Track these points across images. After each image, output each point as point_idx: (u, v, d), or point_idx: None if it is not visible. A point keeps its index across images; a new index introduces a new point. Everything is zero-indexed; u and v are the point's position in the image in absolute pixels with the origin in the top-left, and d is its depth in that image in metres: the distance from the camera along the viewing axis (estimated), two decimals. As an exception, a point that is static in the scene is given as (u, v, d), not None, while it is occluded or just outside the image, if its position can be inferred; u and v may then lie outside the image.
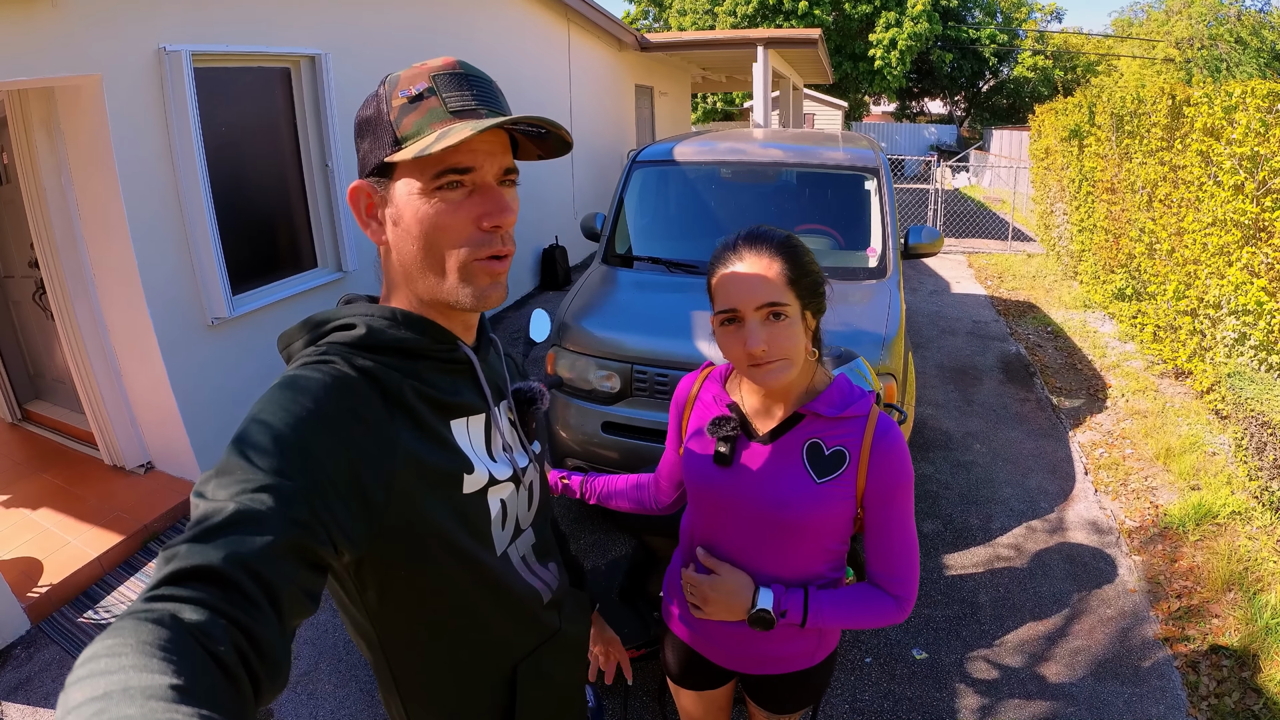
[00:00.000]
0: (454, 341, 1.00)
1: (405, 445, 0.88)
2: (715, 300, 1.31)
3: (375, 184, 0.95)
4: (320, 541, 0.73)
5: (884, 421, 1.33)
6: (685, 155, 4.55)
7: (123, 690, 0.48)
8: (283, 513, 0.69)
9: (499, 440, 1.07)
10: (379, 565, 0.90)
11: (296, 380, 0.82)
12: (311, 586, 0.72)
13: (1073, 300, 8.35)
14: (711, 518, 1.45)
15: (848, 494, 1.33)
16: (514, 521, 1.08)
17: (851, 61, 25.59)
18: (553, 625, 1.16)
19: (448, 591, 0.98)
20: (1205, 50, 24.75)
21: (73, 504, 3.77)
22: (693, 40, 11.13)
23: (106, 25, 3.31)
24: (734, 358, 1.30)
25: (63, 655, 3.00)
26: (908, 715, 2.72)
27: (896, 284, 3.81)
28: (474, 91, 0.92)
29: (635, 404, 3.44)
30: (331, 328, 0.93)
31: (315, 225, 4.75)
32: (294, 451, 0.74)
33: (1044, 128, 10.77)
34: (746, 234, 1.30)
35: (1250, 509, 3.92)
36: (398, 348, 0.93)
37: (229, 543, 0.65)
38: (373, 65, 5.07)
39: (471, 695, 1.07)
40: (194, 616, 0.58)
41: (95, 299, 3.73)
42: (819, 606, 1.35)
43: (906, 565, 1.35)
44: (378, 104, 0.93)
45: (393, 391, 0.89)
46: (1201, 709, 2.76)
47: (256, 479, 0.70)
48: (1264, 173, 4.49)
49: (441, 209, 0.91)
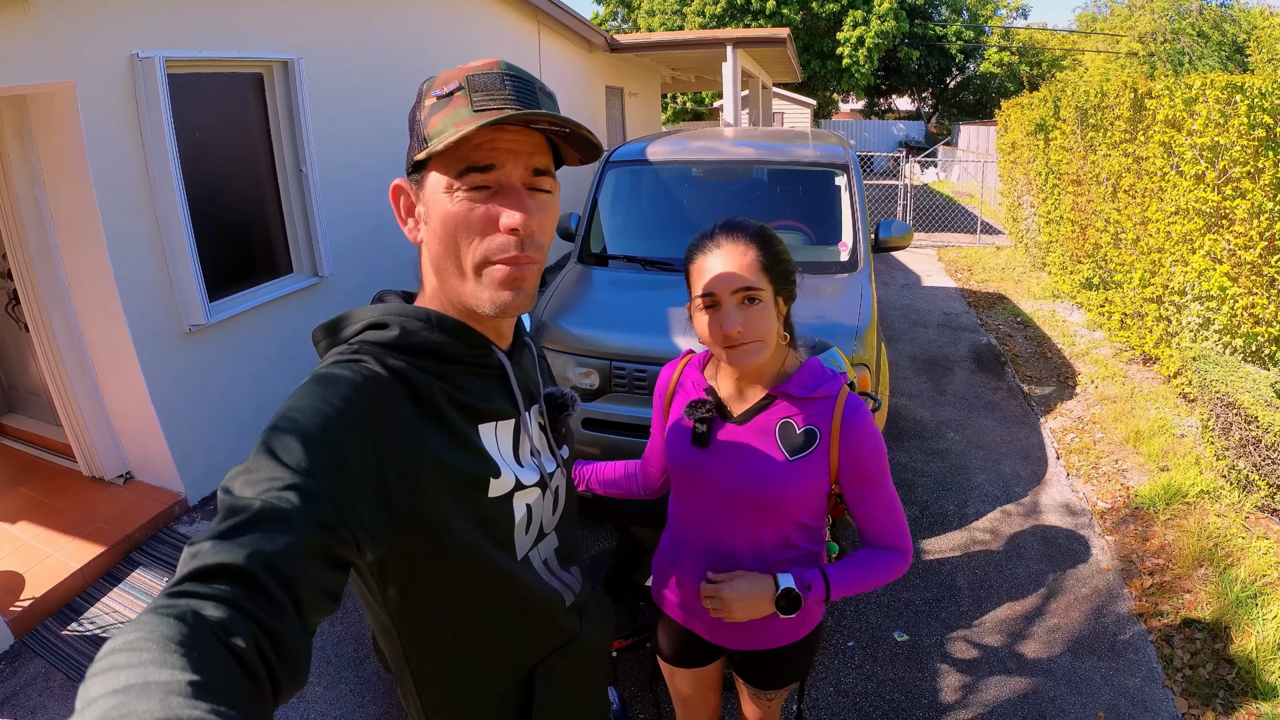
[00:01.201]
0: (488, 347, 1.00)
1: (433, 448, 0.88)
2: (693, 285, 1.38)
3: (412, 182, 0.95)
4: (344, 541, 0.73)
5: (852, 401, 1.41)
6: (658, 155, 4.59)
7: (142, 685, 0.49)
8: (308, 512, 0.70)
9: (527, 445, 1.05)
10: (401, 564, 0.91)
11: (327, 378, 0.82)
12: (333, 586, 0.72)
13: (1041, 291, 8.49)
14: (692, 497, 1.52)
15: (820, 471, 1.41)
16: (538, 526, 1.07)
17: (819, 60, 25.75)
18: (573, 629, 1.16)
19: (468, 593, 0.98)
20: (1168, 44, 25.22)
21: (52, 517, 3.74)
22: (663, 41, 11.17)
23: (79, 32, 3.29)
24: (711, 340, 1.37)
25: (48, 669, 2.97)
26: (890, 696, 2.78)
27: (868, 277, 3.88)
28: (508, 92, 0.90)
29: (614, 400, 3.48)
30: (364, 326, 0.93)
31: (290, 230, 4.74)
32: (322, 450, 0.75)
33: (1010, 122, 10.93)
34: (723, 224, 1.38)
35: (1218, 488, 4.03)
36: (431, 351, 0.93)
37: (253, 541, 0.65)
38: (346, 70, 5.07)
39: (488, 696, 1.07)
40: (215, 614, 0.58)
41: (71, 309, 3.70)
42: (837, 577, 1.43)
43: (897, 524, 1.46)
44: (417, 102, 0.93)
45: (423, 393, 0.89)
46: (1176, 680, 2.85)
47: (283, 477, 0.71)
48: (1224, 162, 4.61)
49: (463, 208, 0.90)
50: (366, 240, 5.33)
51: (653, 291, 3.85)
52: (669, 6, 25.51)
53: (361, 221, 5.27)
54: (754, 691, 1.71)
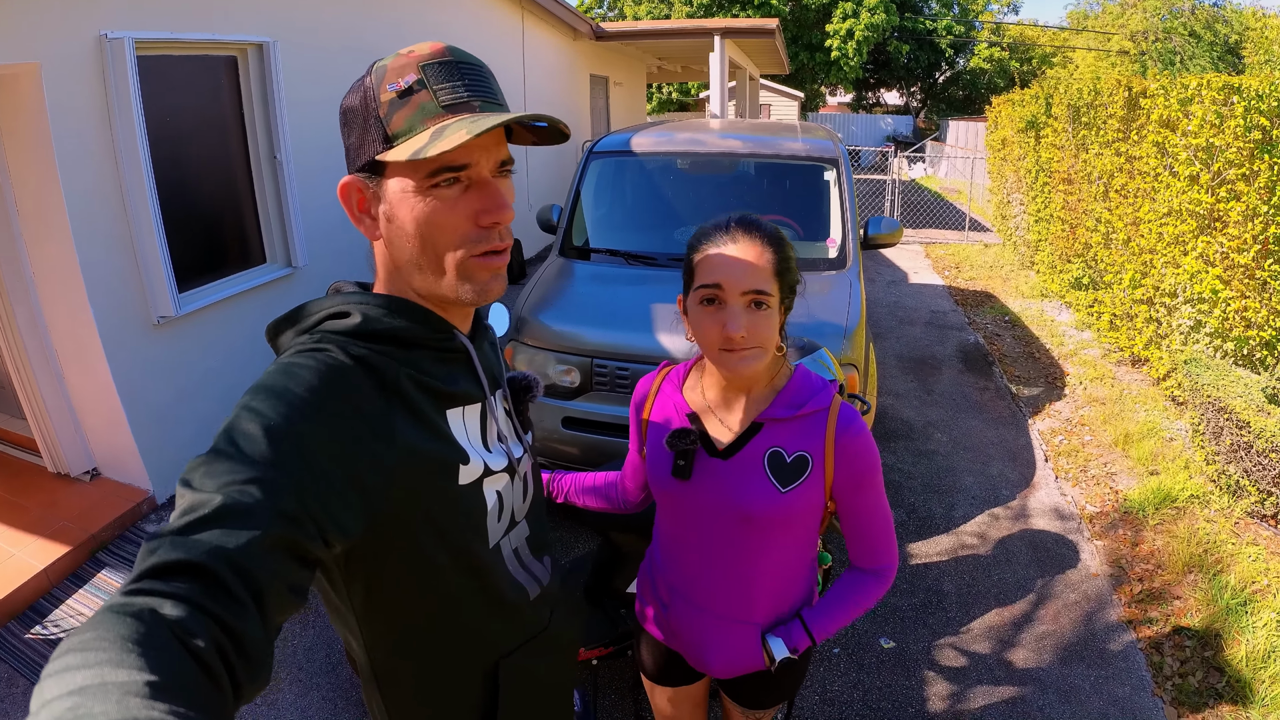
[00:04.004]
0: (450, 330, 0.97)
1: (402, 435, 0.86)
2: (698, 276, 1.29)
3: (366, 180, 0.91)
4: (309, 536, 0.71)
5: (845, 414, 1.34)
6: (643, 146, 4.50)
7: (99, 685, 0.47)
8: (270, 506, 0.68)
9: (494, 430, 1.05)
10: (370, 556, 0.88)
11: (290, 368, 0.80)
12: (298, 582, 0.70)
13: (1030, 290, 8.47)
14: (678, 523, 1.46)
15: (815, 494, 1.35)
16: (509, 514, 1.06)
17: (808, 52, 25.72)
18: (540, 622, 1.14)
19: (435, 584, 0.95)
20: (1159, 43, 25.31)
21: (15, 514, 3.61)
22: (649, 30, 11.08)
23: (45, 11, 3.16)
24: (708, 339, 1.29)
25: (10, 673, 2.87)
26: (877, 704, 2.72)
27: (857, 274, 3.81)
28: (465, 81, 0.88)
29: (595, 398, 3.40)
30: (324, 315, 0.90)
31: (264, 219, 4.60)
32: (285, 441, 0.72)
33: (1001, 119, 10.89)
34: (739, 218, 1.30)
35: (1208, 493, 3.99)
36: (394, 336, 0.91)
37: (213, 537, 0.63)
38: (324, 54, 4.93)
39: (453, 692, 1.05)
40: (174, 612, 0.57)
41: (35, 299, 3.57)
42: (817, 623, 1.42)
43: (886, 541, 1.41)
44: (364, 96, 0.89)
45: (389, 380, 0.87)
46: (1166, 689, 2.80)
47: (245, 470, 0.68)
48: (1218, 164, 4.56)
49: (437, 207, 0.88)
50: (342, 230, 5.20)
51: (637, 287, 3.76)
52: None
53: (337, 211, 5.07)
54: (743, 711, 1.65)
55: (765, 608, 1.45)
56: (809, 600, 1.50)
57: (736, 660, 1.47)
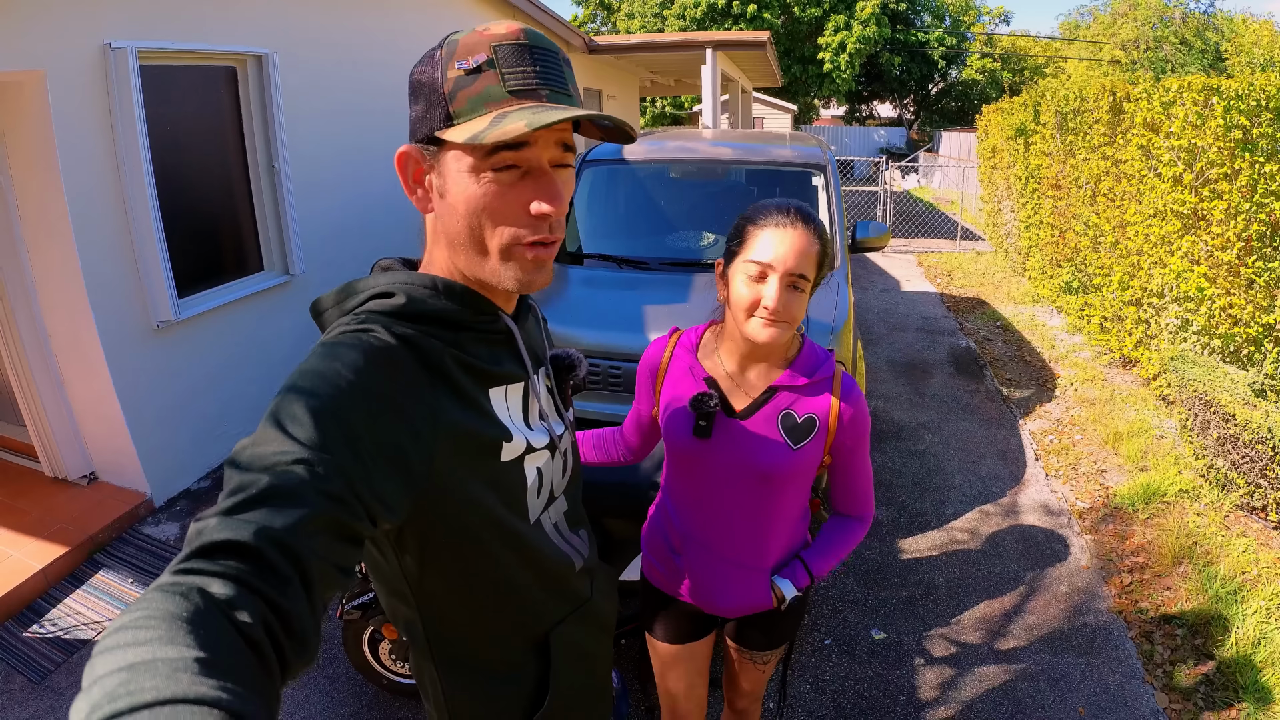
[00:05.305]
0: (495, 312, 0.98)
1: (446, 414, 0.87)
2: (750, 248, 1.42)
3: (424, 151, 0.91)
4: (355, 515, 0.72)
5: (846, 382, 1.52)
6: (634, 154, 4.56)
7: (149, 661, 0.48)
8: (317, 486, 0.68)
9: (536, 408, 1.05)
10: (418, 533, 0.90)
11: (335, 349, 0.80)
12: (345, 561, 0.71)
13: (1021, 295, 8.53)
14: (695, 479, 1.58)
15: (819, 451, 1.52)
16: (549, 489, 1.07)
17: (800, 65, 25.86)
18: (584, 593, 1.17)
19: (484, 558, 0.97)
20: (1151, 52, 25.50)
21: (13, 517, 3.64)
22: (641, 43, 11.14)
23: (51, 20, 3.23)
24: (743, 306, 1.41)
25: (7, 671, 2.89)
26: (868, 694, 2.75)
27: (844, 277, 3.87)
28: (537, 68, 0.87)
29: (589, 397, 3.44)
30: (369, 295, 0.91)
31: (262, 227, 4.66)
32: (331, 422, 0.73)
33: (990, 127, 10.99)
34: (799, 206, 1.43)
35: (1197, 487, 4.03)
36: (438, 318, 0.91)
37: (260, 516, 0.64)
38: (322, 66, 5.00)
39: (505, 662, 1.07)
40: (222, 591, 0.57)
41: (36, 303, 3.61)
42: (815, 562, 1.60)
43: (868, 492, 1.62)
44: (433, 69, 0.88)
45: (433, 360, 0.88)
46: (1157, 675, 2.84)
47: (291, 450, 0.69)
48: (1201, 164, 4.63)
49: (491, 190, 0.87)
50: (339, 239, 5.26)
51: (629, 290, 3.82)
52: (649, 9, 25.54)
53: (334, 219, 5.21)
54: (750, 655, 1.76)
55: (776, 553, 1.61)
56: (805, 543, 1.65)
57: (747, 601, 1.62)
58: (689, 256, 4.11)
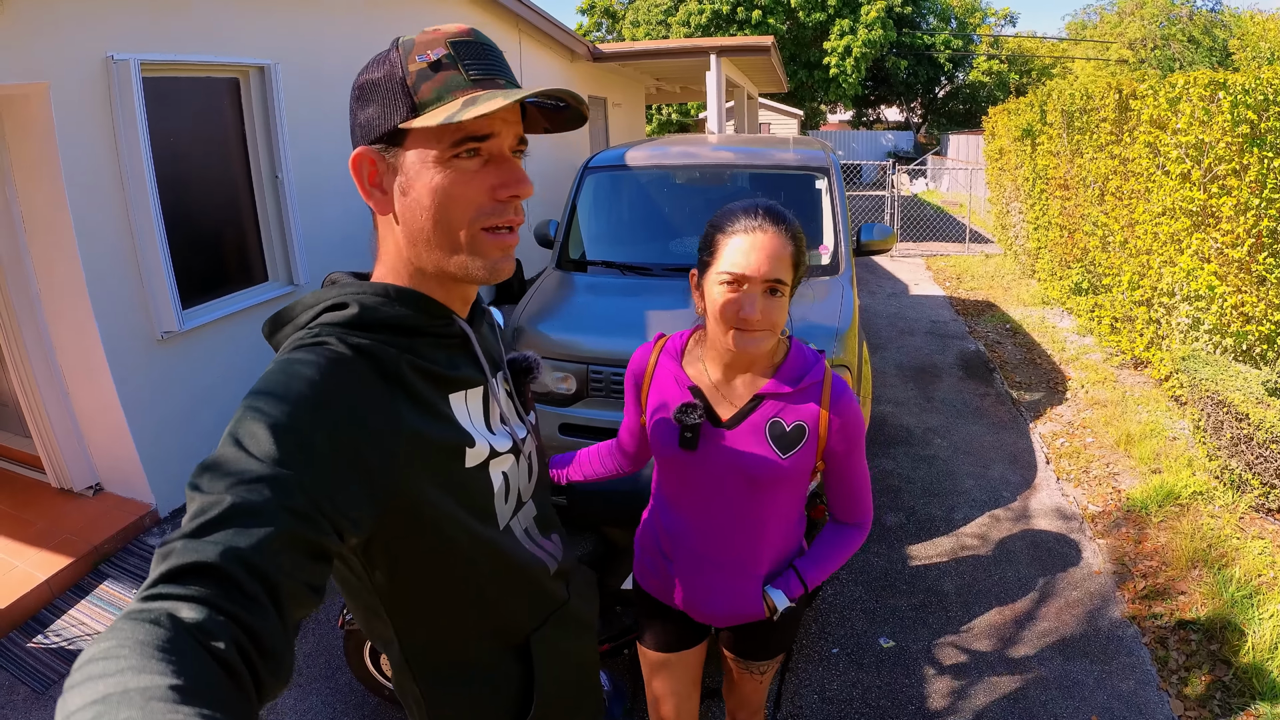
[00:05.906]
0: (449, 316, 0.97)
1: (407, 422, 0.86)
2: (721, 257, 1.36)
3: (381, 152, 0.90)
4: (321, 531, 0.71)
5: (836, 387, 1.45)
6: (637, 160, 4.55)
7: (122, 692, 0.47)
8: (280, 504, 0.67)
9: (497, 412, 1.05)
10: (386, 545, 0.89)
11: (290, 364, 0.79)
12: (314, 578, 0.70)
13: (1031, 298, 8.47)
14: (684, 488, 1.55)
15: (810, 458, 1.46)
16: (516, 494, 1.06)
17: (806, 70, 25.86)
18: (561, 596, 1.16)
19: (455, 567, 0.96)
20: (1158, 50, 25.40)
21: (18, 528, 3.64)
22: (646, 50, 11.14)
23: (54, 33, 3.24)
24: (722, 318, 1.36)
25: (12, 681, 2.89)
26: (876, 703, 2.71)
27: (849, 280, 3.84)
28: (490, 60, 0.90)
29: (591, 404, 3.42)
30: (322, 309, 0.89)
31: (265, 238, 4.67)
32: (291, 438, 0.72)
33: (997, 129, 10.93)
34: (766, 207, 1.37)
35: (1211, 488, 3.97)
36: (392, 325, 0.90)
37: (225, 537, 0.63)
38: (324, 76, 5.01)
39: (486, 671, 1.06)
40: (192, 615, 0.57)
41: (41, 315, 3.62)
42: (809, 571, 1.55)
43: (866, 496, 1.55)
44: (389, 67, 0.89)
45: (390, 368, 0.87)
46: (1172, 682, 2.79)
47: (253, 469, 0.68)
48: (1209, 160, 4.58)
49: (456, 178, 0.88)
50: (343, 249, 5.25)
51: (632, 296, 3.81)
52: (654, 17, 25.60)
53: (338, 230, 5.20)
54: (746, 665, 1.72)
55: (768, 561, 1.56)
56: (800, 551, 1.61)
57: (739, 609, 1.57)
58: (692, 263, 4.08)
